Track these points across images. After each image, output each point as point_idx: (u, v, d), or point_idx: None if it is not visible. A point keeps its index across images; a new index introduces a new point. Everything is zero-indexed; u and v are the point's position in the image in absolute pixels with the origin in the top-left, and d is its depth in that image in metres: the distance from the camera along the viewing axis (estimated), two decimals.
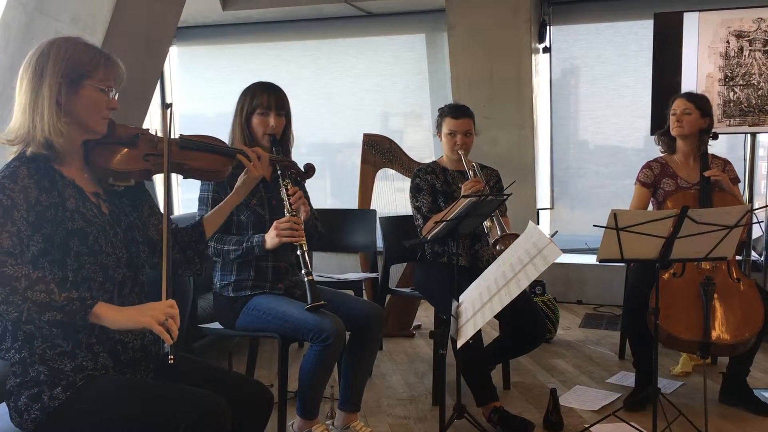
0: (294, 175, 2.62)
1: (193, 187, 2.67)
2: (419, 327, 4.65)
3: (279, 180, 2.59)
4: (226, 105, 2.92)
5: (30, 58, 1.77)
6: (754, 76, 4.12)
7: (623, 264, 3.44)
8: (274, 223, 2.58)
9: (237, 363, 3.58)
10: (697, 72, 4.20)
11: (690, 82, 4.18)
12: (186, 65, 6.78)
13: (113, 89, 1.83)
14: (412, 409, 3.22)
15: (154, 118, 6.28)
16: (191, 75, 6.77)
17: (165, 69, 6.47)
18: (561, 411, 2.96)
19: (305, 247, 2.56)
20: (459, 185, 3.28)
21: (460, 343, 2.42)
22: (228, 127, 2.76)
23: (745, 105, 4.13)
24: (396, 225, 3.66)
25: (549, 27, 5.49)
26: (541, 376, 3.67)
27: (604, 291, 5.23)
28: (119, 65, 1.84)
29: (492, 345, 3.22)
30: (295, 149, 2.87)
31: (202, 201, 2.67)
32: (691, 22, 4.20)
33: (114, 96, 1.84)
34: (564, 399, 3.24)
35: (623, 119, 5.50)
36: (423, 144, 6.04)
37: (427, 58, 6.02)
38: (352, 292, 3.66)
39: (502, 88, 5.38)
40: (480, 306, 2.39)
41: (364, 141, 4.72)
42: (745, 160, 4.37)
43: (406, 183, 3.96)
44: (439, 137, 3.39)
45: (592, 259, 4.10)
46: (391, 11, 5.98)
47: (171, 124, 1.90)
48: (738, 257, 3.65)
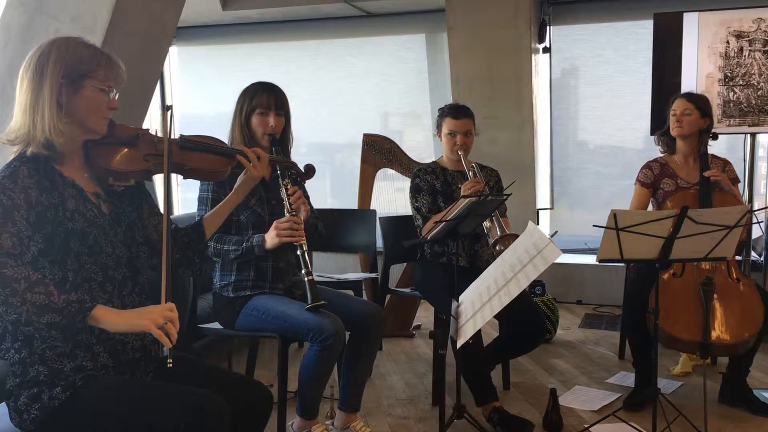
0: (294, 176, 2.62)
1: (193, 187, 2.67)
2: (419, 327, 4.65)
3: (279, 180, 2.59)
4: (225, 105, 2.91)
5: (30, 58, 1.77)
6: (753, 76, 4.12)
7: (623, 264, 3.44)
8: (274, 223, 2.58)
9: (237, 363, 3.58)
10: (697, 72, 4.20)
11: (690, 82, 4.18)
12: (186, 65, 6.78)
13: (113, 89, 1.83)
14: (411, 409, 3.22)
15: (153, 118, 6.28)
16: (191, 75, 6.77)
17: (165, 69, 6.47)
18: (561, 411, 2.96)
19: (305, 247, 2.56)
20: (459, 185, 3.28)
21: (459, 343, 2.42)
22: (228, 127, 2.76)
23: (745, 105, 4.13)
24: (396, 225, 3.66)
25: (549, 27, 5.48)
26: (541, 376, 3.67)
27: (603, 291, 5.23)
28: (120, 65, 1.84)
29: (492, 345, 3.22)
30: (295, 149, 2.87)
31: (201, 201, 2.67)
32: (691, 22, 4.20)
33: (114, 96, 1.84)
34: (564, 399, 3.24)
35: (623, 119, 5.49)
36: (423, 144, 6.03)
37: (427, 58, 6.02)
38: (351, 292, 3.65)
39: (502, 88, 5.38)
40: (480, 306, 2.39)
41: (363, 141, 4.72)
42: (745, 160, 4.36)
43: (405, 183, 3.95)
44: (439, 137, 3.39)
45: (591, 259, 4.10)
46: (391, 11, 5.97)
47: (171, 126, 1.90)
48: (738, 257, 3.65)
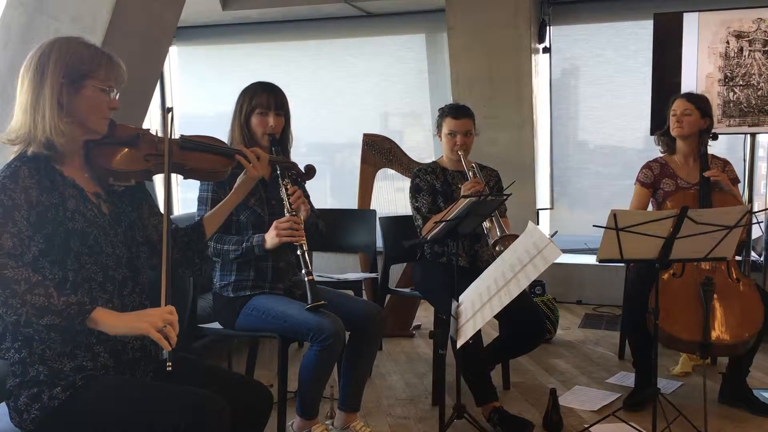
0: (294, 176, 2.62)
1: (193, 187, 2.67)
2: (419, 327, 4.65)
3: (278, 180, 2.59)
4: (225, 105, 2.91)
5: (31, 58, 1.77)
6: (753, 76, 4.12)
7: (623, 264, 3.44)
8: (274, 223, 2.57)
9: (237, 363, 3.58)
10: (697, 72, 4.20)
11: (690, 82, 4.18)
12: (186, 65, 6.78)
13: (114, 89, 1.83)
14: (411, 409, 3.22)
15: (153, 118, 6.28)
16: (191, 75, 6.77)
17: (165, 69, 6.47)
18: (561, 411, 2.96)
19: (305, 247, 2.56)
20: (459, 185, 3.28)
21: (459, 343, 2.42)
22: (228, 127, 2.76)
23: (745, 105, 4.13)
24: (396, 225, 3.66)
25: (549, 27, 5.48)
26: (541, 376, 3.67)
27: (603, 291, 5.23)
28: (120, 65, 1.84)
29: (492, 345, 3.22)
30: (295, 149, 2.87)
31: (201, 201, 2.67)
32: (691, 22, 4.20)
33: (115, 96, 1.84)
34: (564, 399, 3.24)
35: (623, 119, 5.49)
36: (423, 144, 6.03)
37: (427, 58, 6.02)
38: (351, 292, 3.66)
39: (501, 88, 5.38)
40: (480, 306, 2.39)
41: (363, 141, 4.72)
42: (745, 160, 4.36)
43: (405, 183, 3.95)
44: (439, 137, 3.39)
45: (591, 260, 4.10)
46: (391, 11, 5.97)
47: (171, 128, 1.90)
48: (738, 257, 3.65)
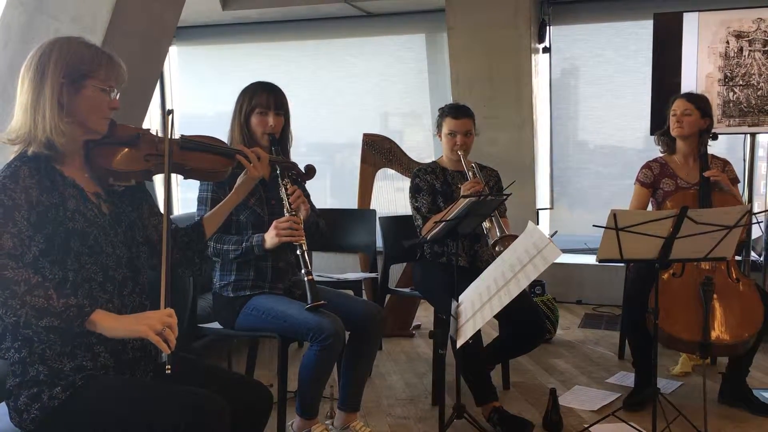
0: (294, 176, 2.62)
1: (193, 187, 2.67)
2: (419, 327, 4.65)
3: (278, 180, 2.59)
4: (225, 105, 2.91)
5: (31, 57, 1.77)
6: (753, 76, 4.12)
7: (623, 264, 3.44)
8: (273, 223, 2.57)
9: (237, 363, 3.58)
10: (697, 72, 4.20)
11: (690, 82, 4.18)
12: (186, 65, 6.78)
13: (114, 89, 1.83)
14: (411, 409, 3.22)
15: (153, 118, 6.28)
16: (191, 75, 6.77)
17: (165, 69, 6.46)
18: (560, 411, 2.96)
19: (305, 247, 2.56)
20: (458, 185, 3.28)
21: (459, 343, 2.42)
22: (227, 127, 2.76)
23: (745, 105, 4.14)
24: (396, 225, 3.66)
25: (549, 27, 5.48)
26: (541, 376, 3.67)
27: (603, 291, 5.23)
28: (121, 65, 1.84)
29: (491, 345, 3.22)
30: (295, 149, 2.87)
31: (201, 201, 2.67)
32: (691, 22, 4.20)
33: (115, 96, 1.84)
34: (563, 399, 3.24)
35: (623, 119, 5.49)
36: (423, 144, 6.03)
37: (427, 58, 6.02)
38: (351, 292, 3.66)
39: (501, 88, 5.38)
40: (479, 306, 2.39)
41: (363, 141, 4.72)
42: (745, 160, 4.37)
43: (405, 183, 3.95)
44: (439, 137, 3.39)
45: (591, 259, 4.11)
46: (391, 11, 5.97)
47: (172, 130, 1.90)
48: (737, 257, 3.65)
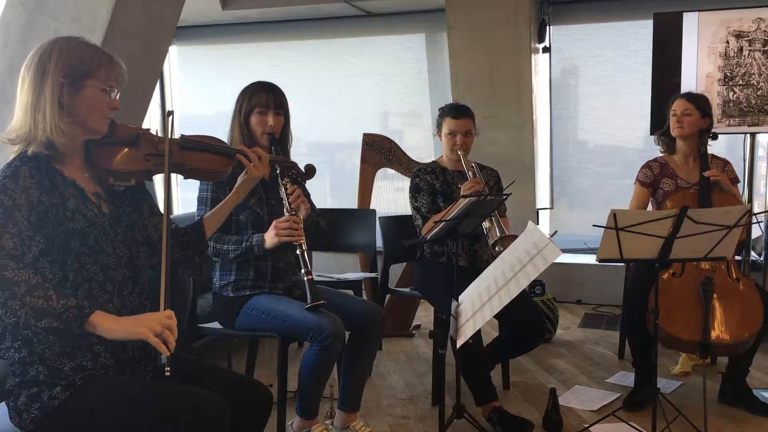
0: (294, 176, 2.62)
1: (193, 187, 2.67)
2: (419, 327, 4.65)
3: (278, 179, 2.59)
4: (225, 105, 2.92)
5: (32, 57, 1.76)
6: (753, 76, 4.12)
7: (623, 264, 3.44)
8: (273, 223, 2.57)
9: (236, 363, 3.58)
10: (697, 72, 4.20)
11: (689, 82, 4.18)
12: (185, 65, 6.78)
13: (115, 89, 1.83)
14: (411, 409, 3.22)
15: (153, 118, 6.28)
16: (191, 75, 6.76)
17: (164, 69, 6.46)
18: (560, 411, 2.96)
19: (305, 247, 2.56)
20: (458, 185, 3.28)
21: (459, 343, 2.42)
22: (227, 127, 2.76)
23: (745, 105, 4.13)
24: (395, 225, 3.66)
25: (549, 27, 5.49)
26: (541, 376, 3.67)
27: (603, 291, 5.23)
28: (121, 65, 1.84)
29: (491, 345, 3.22)
30: (295, 149, 2.87)
31: (201, 201, 2.67)
32: (691, 22, 4.20)
33: (115, 96, 1.84)
34: (563, 399, 3.24)
35: (623, 119, 5.49)
36: (422, 144, 6.04)
37: (427, 58, 6.02)
38: (351, 291, 3.65)
39: (501, 88, 5.38)
40: (479, 306, 2.39)
41: (363, 141, 4.72)
42: (745, 160, 4.37)
43: (405, 183, 3.95)
44: (439, 137, 3.39)
45: (591, 259, 4.11)
46: (391, 11, 5.97)
47: (172, 131, 1.90)
48: (737, 257, 3.65)
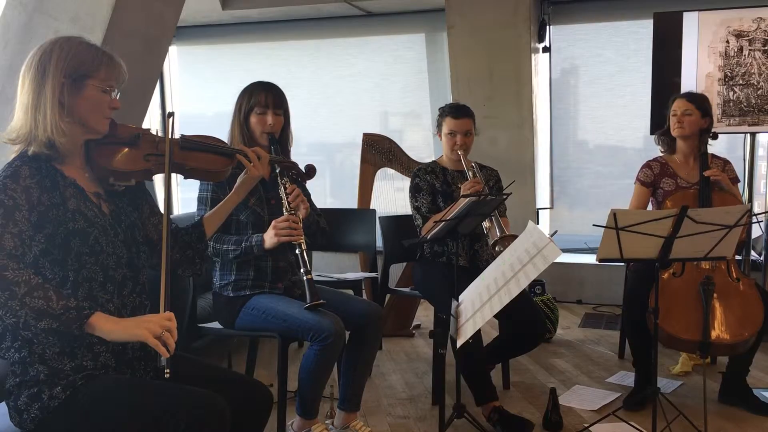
0: (294, 176, 2.62)
1: (193, 187, 2.67)
2: (419, 326, 4.65)
3: (278, 179, 2.59)
4: (225, 105, 2.92)
5: (32, 57, 1.77)
6: (753, 75, 4.12)
7: (623, 264, 3.43)
8: (272, 223, 2.57)
9: (237, 363, 3.58)
10: (697, 72, 4.20)
11: (689, 81, 4.18)
12: (185, 65, 6.78)
13: (115, 89, 1.83)
14: (411, 409, 3.22)
15: (153, 118, 6.28)
16: (191, 74, 6.77)
17: (164, 69, 6.46)
18: (560, 410, 2.96)
19: (304, 246, 2.56)
20: (458, 185, 3.28)
21: (459, 343, 2.42)
22: (227, 127, 2.76)
23: (745, 105, 4.13)
24: (396, 224, 3.66)
25: (548, 26, 5.49)
26: (541, 375, 3.67)
27: (603, 290, 5.23)
28: (121, 65, 1.84)
29: (491, 344, 3.22)
30: (295, 149, 2.87)
31: (201, 200, 2.67)
32: (691, 21, 4.20)
33: (116, 96, 1.84)
34: (563, 398, 3.24)
35: (623, 119, 5.50)
36: (422, 144, 6.04)
37: (427, 57, 6.02)
38: (351, 291, 3.66)
39: (501, 87, 5.38)
40: (480, 305, 2.39)
41: (363, 141, 4.72)
42: (745, 159, 4.36)
43: (405, 182, 3.95)
44: (439, 137, 3.39)
45: (591, 259, 4.11)
46: (391, 11, 5.97)
47: (173, 133, 1.90)
48: (738, 257, 3.65)
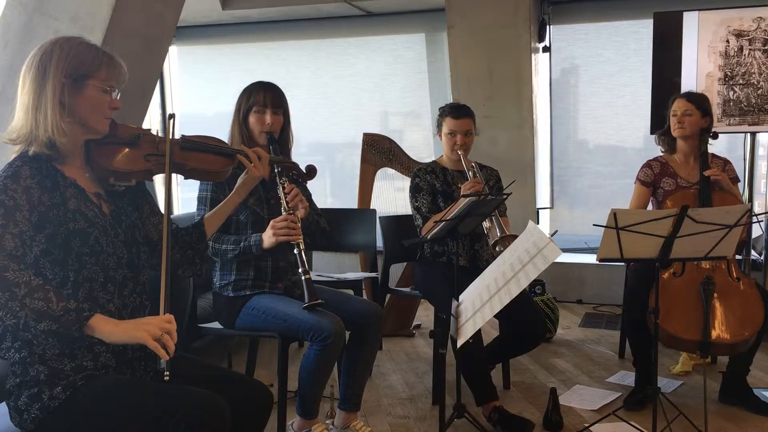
0: (295, 176, 2.61)
1: (193, 187, 2.67)
2: (419, 326, 4.65)
3: (276, 179, 2.58)
4: (225, 105, 2.92)
5: (33, 57, 1.77)
6: (753, 75, 4.11)
7: (623, 263, 3.43)
8: (270, 222, 2.57)
9: (237, 363, 3.58)
10: (697, 71, 4.20)
11: (690, 81, 4.18)
12: (185, 65, 6.78)
13: (115, 89, 1.83)
14: (412, 409, 3.22)
15: (153, 118, 6.28)
16: (191, 74, 6.77)
17: (164, 69, 6.46)
18: (561, 410, 2.96)
19: (302, 246, 2.55)
20: (459, 185, 3.28)
21: (459, 343, 2.42)
22: (227, 127, 2.76)
23: (745, 104, 4.13)
24: (396, 224, 3.66)
25: (548, 26, 5.49)
26: (541, 375, 3.67)
27: (603, 290, 5.23)
28: (121, 65, 1.84)
29: (492, 344, 3.22)
30: (295, 149, 2.87)
31: (200, 200, 2.67)
32: (691, 21, 4.20)
33: (116, 96, 1.84)
34: (564, 398, 3.24)
35: (623, 119, 5.50)
36: (422, 143, 6.04)
37: (427, 57, 6.02)
38: (351, 291, 3.66)
39: (501, 87, 5.38)
40: (480, 305, 2.39)
41: (363, 140, 4.72)
42: (745, 159, 4.36)
43: (405, 182, 3.96)
44: (439, 137, 3.39)
45: (591, 259, 4.11)
46: (391, 10, 5.98)
47: (173, 134, 1.90)
48: (738, 256, 3.65)
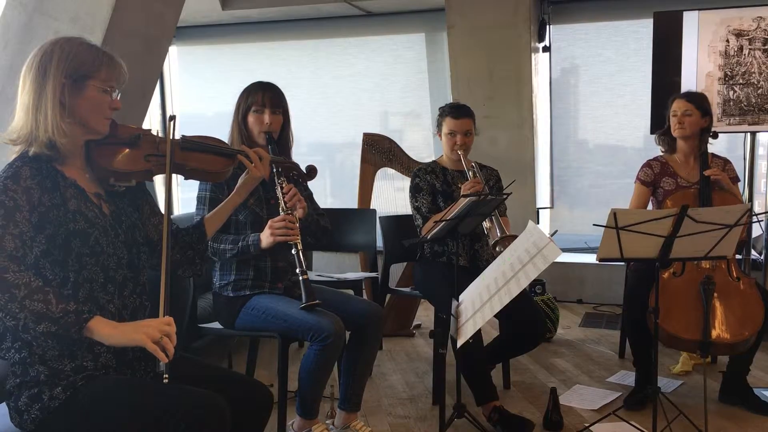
0: (295, 176, 2.61)
1: (193, 187, 2.67)
2: (419, 326, 4.65)
3: (275, 179, 2.58)
4: (225, 105, 2.92)
5: (33, 57, 1.76)
6: (753, 74, 4.11)
7: (623, 263, 3.43)
8: (268, 222, 2.57)
9: (237, 363, 3.58)
10: (697, 71, 4.20)
11: (690, 81, 4.18)
12: (185, 65, 6.78)
13: (115, 89, 1.83)
14: (412, 409, 3.22)
15: (153, 118, 6.28)
16: (190, 75, 6.77)
17: (164, 69, 6.46)
18: (561, 410, 2.97)
19: (300, 246, 2.55)
20: (459, 185, 3.28)
21: (460, 343, 2.42)
22: (227, 127, 2.76)
23: (745, 104, 4.13)
24: (396, 224, 3.66)
25: (548, 26, 5.49)
26: (541, 375, 3.67)
27: (603, 290, 5.23)
28: (121, 65, 1.84)
29: (492, 344, 3.22)
30: (295, 149, 2.87)
31: (199, 200, 2.67)
32: (691, 21, 4.20)
33: (116, 96, 1.84)
34: (564, 398, 3.24)
35: (623, 118, 5.50)
36: (422, 143, 6.04)
37: (427, 57, 6.02)
38: (351, 291, 3.66)
39: (501, 87, 5.38)
40: (480, 305, 2.39)
41: (363, 140, 4.72)
42: (745, 159, 4.36)
43: (405, 182, 3.96)
44: (439, 137, 3.39)
45: (591, 259, 4.10)
46: (391, 10, 5.98)
47: (174, 136, 1.90)
48: (738, 256, 3.65)
